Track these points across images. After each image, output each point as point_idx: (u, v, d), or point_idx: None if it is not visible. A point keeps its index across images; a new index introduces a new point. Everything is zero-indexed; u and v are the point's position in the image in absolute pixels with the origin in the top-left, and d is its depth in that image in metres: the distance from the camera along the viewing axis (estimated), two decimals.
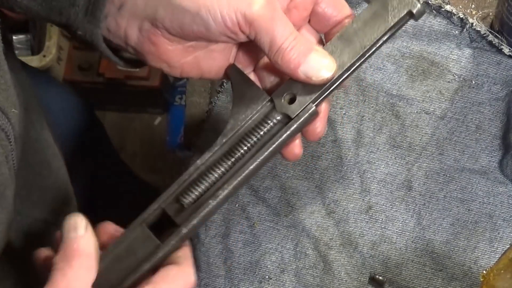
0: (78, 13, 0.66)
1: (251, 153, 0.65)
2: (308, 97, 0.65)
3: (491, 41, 0.90)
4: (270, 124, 0.65)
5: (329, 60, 0.64)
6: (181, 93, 2.00)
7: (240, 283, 0.88)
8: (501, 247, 0.85)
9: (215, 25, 0.63)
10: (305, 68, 0.63)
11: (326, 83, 0.64)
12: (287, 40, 0.63)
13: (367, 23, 0.66)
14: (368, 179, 0.89)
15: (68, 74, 1.92)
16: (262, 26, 0.62)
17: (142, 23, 0.65)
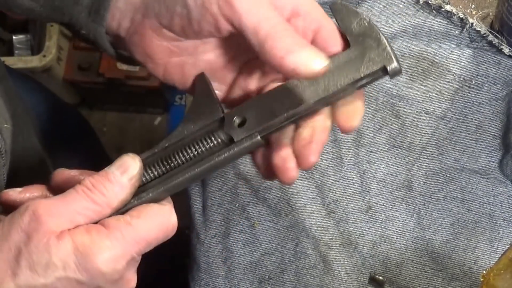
0: (81, 11, 0.66)
1: (187, 164, 0.63)
2: (257, 125, 0.62)
3: (491, 41, 0.90)
4: (213, 142, 0.63)
5: (323, 55, 0.59)
6: (181, 93, 2.00)
7: (240, 283, 0.88)
8: (501, 247, 0.85)
9: (196, 9, 0.61)
10: (295, 57, 0.58)
11: (315, 77, 0.61)
12: (278, 26, 0.59)
13: (339, 67, 0.62)
14: (368, 179, 0.89)
15: (68, 74, 1.91)
16: (245, 8, 0.59)
17: (135, 15, 0.65)
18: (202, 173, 0.63)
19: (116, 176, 0.59)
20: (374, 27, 0.62)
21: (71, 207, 0.57)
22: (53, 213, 0.57)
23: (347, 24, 0.63)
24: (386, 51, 0.61)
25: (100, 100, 2.04)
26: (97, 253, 0.56)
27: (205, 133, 0.64)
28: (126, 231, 0.58)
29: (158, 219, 0.60)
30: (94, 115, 2.06)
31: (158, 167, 0.63)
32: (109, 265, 0.57)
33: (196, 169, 0.62)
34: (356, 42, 0.62)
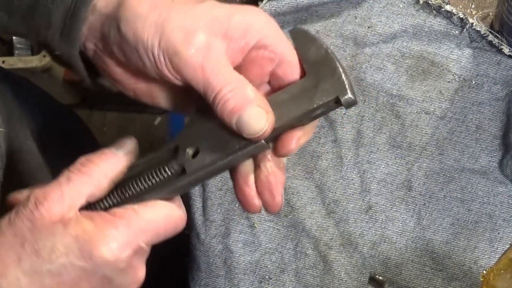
0: (54, 34, 0.66)
1: (140, 193, 0.62)
2: (208, 157, 0.61)
3: (491, 41, 0.90)
4: (167, 173, 0.62)
5: (264, 119, 0.59)
6: None
7: (240, 283, 0.88)
8: (501, 247, 0.85)
9: (149, 63, 0.62)
10: (239, 123, 0.59)
11: (257, 141, 0.60)
12: (222, 91, 0.59)
13: (293, 97, 0.60)
14: (368, 179, 0.89)
15: (68, 74, 1.91)
16: (191, 75, 0.60)
17: (98, 42, 0.66)
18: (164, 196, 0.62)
19: (111, 150, 0.60)
20: (330, 55, 0.60)
21: (70, 188, 0.58)
22: (54, 198, 0.57)
23: (304, 51, 0.61)
24: (340, 81, 0.59)
25: (100, 100, 2.04)
26: (101, 240, 0.56)
27: (159, 164, 0.62)
28: (133, 219, 0.58)
29: (166, 210, 0.60)
30: (94, 115, 2.06)
31: (113, 196, 0.62)
32: (114, 253, 0.57)
33: (147, 198, 0.62)
34: (312, 71, 0.60)
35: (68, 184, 0.58)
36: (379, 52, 0.92)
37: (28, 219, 0.57)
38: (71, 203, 0.58)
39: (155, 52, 0.60)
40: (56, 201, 0.57)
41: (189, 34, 0.60)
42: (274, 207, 0.64)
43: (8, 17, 0.68)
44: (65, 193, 0.58)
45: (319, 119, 0.64)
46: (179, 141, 0.63)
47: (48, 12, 0.66)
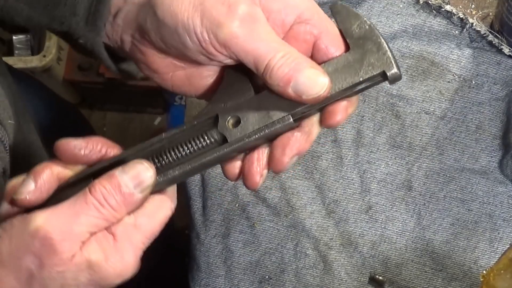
0: (79, 22, 0.66)
1: (179, 161, 0.62)
2: (250, 127, 0.61)
3: (491, 41, 0.90)
4: (206, 142, 0.62)
5: (322, 78, 0.59)
6: None
7: (240, 283, 0.88)
8: (501, 247, 0.85)
9: (191, 44, 0.61)
10: (295, 87, 0.59)
11: (318, 102, 0.60)
12: (274, 58, 0.59)
13: (337, 70, 0.61)
14: (368, 179, 0.89)
15: (68, 74, 1.91)
16: (240, 47, 0.59)
17: (134, 32, 0.66)
18: (192, 170, 0.62)
19: (129, 189, 0.58)
20: (375, 31, 0.61)
21: (82, 225, 0.56)
22: (64, 235, 0.55)
23: (347, 26, 0.62)
24: (386, 56, 0.60)
25: (100, 100, 2.04)
26: (110, 269, 0.56)
27: (199, 132, 0.63)
28: (134, 236, 0.57)
29: (162, 213, 0.60)
30: (94, 115, 2.06)
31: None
32: (122, 276, 0.57)
33: (188, 166, 0.61)
34: (356, 45, 0.61)
35: (81, 221, 0.56)
36: None
37: (36, 256, 0.55)
38: (82, 241, 0.56)
39: (198, 31, 0.60)
40: (67, 240, 0.55)
41: (231, 6, 0.59)
42: (281, 167, 0.62)
43: (29, 8, 0.68)
44: (77, 231, 0.56)
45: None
46: (219, 113, 0.62)
47: (73, 1, 0.66)
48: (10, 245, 0.55)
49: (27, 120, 0.88)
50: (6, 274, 0.55)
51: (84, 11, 0.66)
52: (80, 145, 0.60)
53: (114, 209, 0.57)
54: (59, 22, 0.67)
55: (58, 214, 0.56)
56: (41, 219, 0.55)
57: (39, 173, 0.59)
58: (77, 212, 0.56)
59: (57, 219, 0.55)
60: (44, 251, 0.55)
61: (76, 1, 0.66)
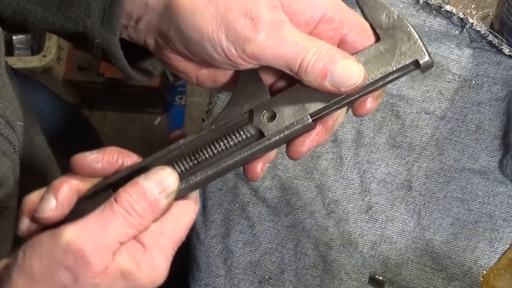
0: (94, 22, 0.67)
1: (216, 158, 0.62)
2: (287, 120, 0.62)
3: (491, 41, 0.90)
4: (242, 137, 0.63)
5: (357, 67, 0.60)
6: (181, 93, 2.00)
7: (240, 283, 0.88)
8: (501, 247, 0.85)
9: (218, 57, 0.61)
10: (331, 80, 0.59)
11: (356, 92, 0.61)
12: (307, 56, 0.59)
13: (369, 61, 0.62)
14: (368, 179, 0.89)
15: (68, 74, 1.92)
16: (270, 56, 0.60)
17: (157, 37, 0.66)
18: (229, 167, 0.62)
19: (154, 195, 0.57)
20: (404, 20, 0.62)
21: (112, 235, 0.56)
22: (96, 247, 0.55)
23: (375, 17, 0.62)
24: (417, 45, 0.60)
25: (100, 100, 2.04)
26: (143, 277, 0.56)
27: (233, 128, 0.63)
28: (163, 243, 0.57)
29: (188, 217, 0.59)
30: (94, 115, 2.07)
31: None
32: (154, 283, 0.57)
33: (223, 163, 0.61)
34: (386, 35, 0.61)
35: (110, 232, 0.56)
36: None
37: (70, 271, 0.54)
38: (113, 251, 0.56)
39: (224, 46, 0.60)
40: (99, 252, 0.55)
41: (254, 18, 0.59)
42: (298, 156, 0.65)
43: (42, 9, 0.68)
44: (108, 241, 0.55)
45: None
46: (253, 107, 0.63)
47: (86, 1, 0.66)
48: (41, 262, 0.54)
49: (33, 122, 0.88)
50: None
51: (99, 12, 0.66)
52: (96, 159, 0.60)
53: (141, 216, 0.57)
54: (74, 22, 0.67)
55: (87, 227, 0.55)
56: (71, 233, 0.55)
57: (58, 189, 0.59)
58: (105, 222, 0.56)
59: (87, 231, 0.55)
60: (77, 264, 0.54)
61: (89, 3, 0.66)
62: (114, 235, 0.55)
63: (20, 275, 0.54)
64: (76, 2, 0.67)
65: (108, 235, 0.55)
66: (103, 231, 0.55)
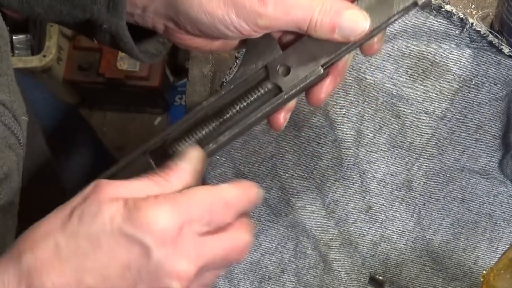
0: (100, 8, 0.68)
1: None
2: (301, 73, 0.67)
3: (491, 41, 0.90)
4: (261, 92, 0.67)
5: (362, 15, 0.64)
6: (181, 93, 2.00)
7: (240, 283, 0.88)
8: (501, 247, 0.85)
9: (231, 33, 0.65)
10: (340, 32, 0.64)
11: (364, 38, 0.65)
12: (314, 16, 0.63)
13: (371, 7, 0.65)
14: (368, 179, 0.89)
15: (68, 74, 1.92)
16: (282, 24, 0.64)
17: (167, 22, 0.68)
18: (253, 122, 0.67)
19: (181, 164, 0.60)
20: None
21: (134, 185, 0.57)
22: (114, 185, 0.56)
23: None
24: None
25: (100, 100, 2.04)
26: (146, 206, 0.55)
27: (251, 84, 0.67)
28: (179, 195, 0.57)
29: (209, 194, 0.59)
30: (94, 115, 2.07)
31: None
32: (159, 221, 0.54)
33: (248, 120, 0.66)
34: None
35: (133, 184, 0.57)
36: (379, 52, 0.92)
37: (82, 197, 0.56)
38: (129, 193, 0.56)
39: (236, 24, 0.64)
40: (114, 187, 0.56)
41: None
42: (319, 103, 0.69)
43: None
44: (128, 187, 0.57)
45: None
46: (267, 63, 0.67)
47: None
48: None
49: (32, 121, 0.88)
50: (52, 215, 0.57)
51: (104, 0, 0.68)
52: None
53: (165, 179, 0.59)
54: (81, 10, 0.69)
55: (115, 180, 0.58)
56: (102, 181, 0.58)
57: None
58: (131, 180, 0.58)
59: (112, 180, 0.58)
60: (90, 192, 0.57)
61: None
62: (135, 186, 0.58)
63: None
64: None
65: (130, 184, 0.58)
66: (126, 182, 0.58)
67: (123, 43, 0.70)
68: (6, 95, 0.67)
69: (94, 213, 0.55)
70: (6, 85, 0.68)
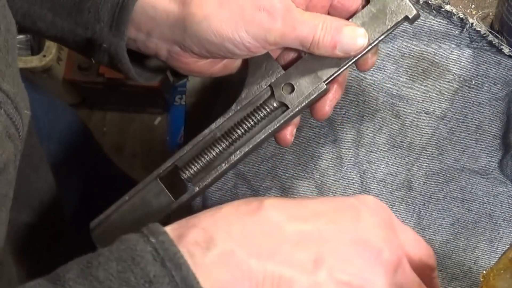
0: (103, 28, 0.69)
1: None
2: (305, 90, 0.70)
3: (491, 41, 0.90)
4: (267, 110, 0.70)
5: (359, 31, 0.68)
6: (181, 93, 2.00)
7: None
8: (501, 247, 0.85)
9: (239, 51, 0.67)
10: (341, 48, 0.67)
11: (362, 52, 0.69)
12: (316, 34, 0.66)
13: (365, 23, 0.69)
14: (368, 179, 0.89)
15: (68, 74, 1.92)
16: (288, 40, 0.66)
17: (171, 47, 0.70)
18: (263, 140, 0.70)
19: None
20: None
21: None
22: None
23: None
24: (404, 2, 0.69)
25: (100, 100, 2.04)
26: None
27: (257, 104, 0.70)
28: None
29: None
30: (94, 115, 2.07)
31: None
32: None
33: (258, 138, 0.69)
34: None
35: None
36: (379, 52, 0.92)
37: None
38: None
39: (245, 41, 0.66)
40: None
41: (269, 10, 0.65)
42: (324, 115, 0.73)
43: (53, 15, 0.71)
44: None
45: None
46: (271, 83, 0.70)
47: (96, 7, 0.69)
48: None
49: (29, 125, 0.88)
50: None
51: (108, 17, 0.68)
52: None
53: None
54: (83, 28, 0.70)
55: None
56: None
57: None
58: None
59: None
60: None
61: (99, 9, 0.68)
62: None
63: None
64: (87, 8, 0.69)
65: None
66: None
67: (121, 64, 0.71)
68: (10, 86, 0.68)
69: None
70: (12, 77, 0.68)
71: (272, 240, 0.55)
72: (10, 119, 0.68)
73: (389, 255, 0.56)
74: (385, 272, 0.56)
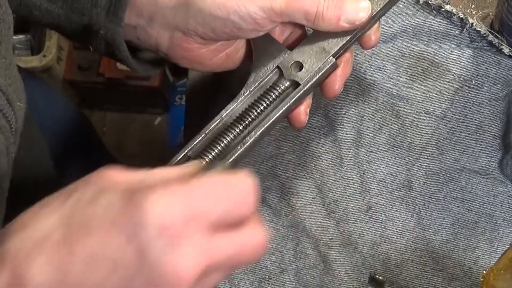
0: (100, 13, 0.68)
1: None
2: (315, 66, 0.69)
3: (491, 41, 0.90)
4: (279, 91, 0.69)
5: (363, 1, 0.67)
6: (181, 93, 2.00)
7: (240, 283, 0.88)
8: (501, 247, 0.85)
9: (245, 25, 0.66)
10: (346, 18, 0.67)
11: (366, 23, 0.68)
12: (320, 5, 0.66)
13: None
14: (368, 179, 0.89)
15: (68, 74, 1.91)
16: (292, 10, 0.66)
17: (173, 33, 0.68)
18: (277, 120, 0.68)
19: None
20: None
21: (144, 173, 0.50)
22: (122, 171, 0.50)
23: None
24: None
25: (100, 100, 2.04)
26: (148, 195, 0.46)
27: (267, 86, 0.69)
28: (193, 182, 0.48)
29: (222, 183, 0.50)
30: (94, 115, 2.06)
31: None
32: (162, 212, 0.45)
33: (271, 118, 0.68)
34: None
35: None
36: (379, 52, 0.92)
37: (84, 180, 0.50)
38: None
39: (252, 12, 0.65)
40: (121, 172, 0.49)
41: None
42: (334, 92, 0.72)
43: (48, 2, 0.70)
44: (139, 173, 0.49)
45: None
46: (279, 63, 0.70)
47: None
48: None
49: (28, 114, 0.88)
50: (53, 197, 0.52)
51: (106, 2, 0.67)
52: None
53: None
54: (80, 14, 0.69)
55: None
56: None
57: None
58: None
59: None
60: (95, 175, 0.51)
61: None
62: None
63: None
64: None
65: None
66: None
67: (118, 51, 0.70)
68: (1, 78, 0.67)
69: (91, 198, 0.48)
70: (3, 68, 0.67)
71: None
72: (0, 111, 0.68)
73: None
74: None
